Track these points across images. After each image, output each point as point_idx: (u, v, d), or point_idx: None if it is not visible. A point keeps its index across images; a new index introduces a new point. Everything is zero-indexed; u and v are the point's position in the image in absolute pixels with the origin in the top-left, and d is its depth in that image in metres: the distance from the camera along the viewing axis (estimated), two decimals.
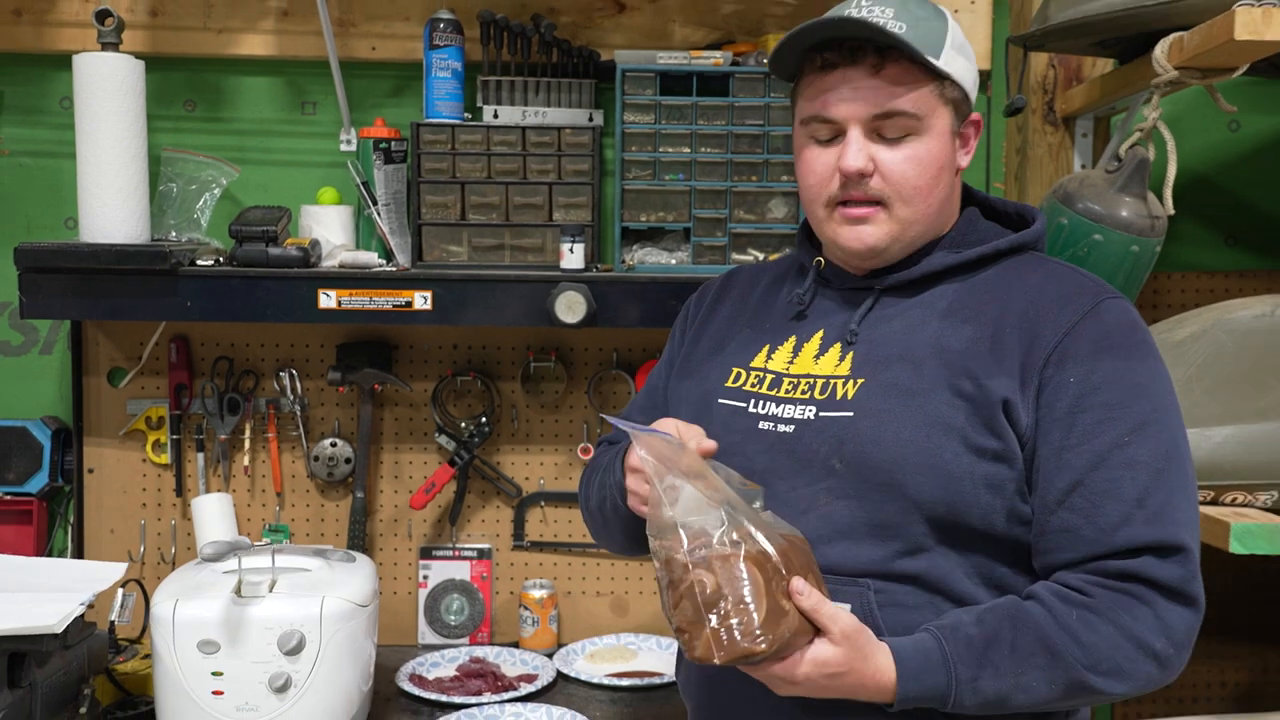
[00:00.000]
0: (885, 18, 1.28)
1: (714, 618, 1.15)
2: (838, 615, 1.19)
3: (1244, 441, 1.69)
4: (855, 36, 1.29)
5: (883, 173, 1.31)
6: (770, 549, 1.18)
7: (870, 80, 1.30)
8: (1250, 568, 1.63)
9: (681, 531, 1.18)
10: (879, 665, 1.21)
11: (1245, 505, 1.69)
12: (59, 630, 1.57)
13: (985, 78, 2.30)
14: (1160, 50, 1.70)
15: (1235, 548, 1.58)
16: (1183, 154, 2.33)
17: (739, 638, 1.14)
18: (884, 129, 1.31)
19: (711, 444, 1.29)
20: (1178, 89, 1.75)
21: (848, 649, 1.19)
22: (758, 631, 1.15)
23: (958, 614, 1.25)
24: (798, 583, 1.18)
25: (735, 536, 1.18)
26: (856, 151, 1.30)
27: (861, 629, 1.21)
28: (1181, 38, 1.67)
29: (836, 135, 1.33)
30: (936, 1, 1.39)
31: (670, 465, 1.20)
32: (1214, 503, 1.69)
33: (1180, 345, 1.77)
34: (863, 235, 1.34)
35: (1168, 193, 1.76)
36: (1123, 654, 1.20)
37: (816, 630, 1.19)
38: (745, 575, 1.15)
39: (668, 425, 1.30)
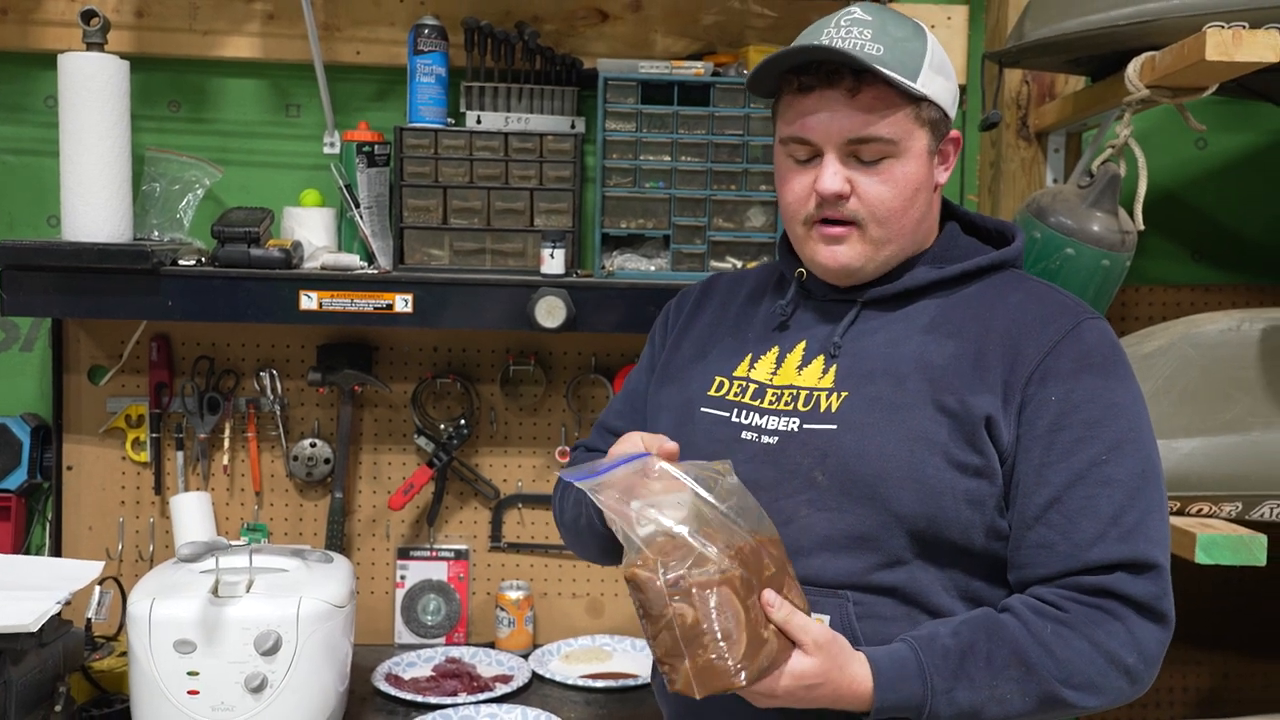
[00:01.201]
0: (863, 39, 1.26)
1: (694, 653, 1.12)
2: (809, 626, 1.18)
3: (1209, 454, 1.69)
4: (832, 61, 1.27)
5: (859, 194, 1.30)
6: (740, 572, 1.15)
7: (847, 104, 1.28)
8: (1212, 576, 1.64)
9: (658, 562, 1.14)
10: (855, 674, 1.19)
11: (1210, 516, 1.69)
12: (34, 629, 1.54)
13: (961, 92, 2.29)
14: (1132, 69, 1.70)
15: (1201, 558, 1.58)
16: (1151, 171, 2.32)
17: (717, 675, 1.12)
18: (860, 152, 1.29)
19: (673, 446, 1.26)
20: (1148, 107, 1.75)
21: (823, 659, 1.18)
22: (737, 666, 1.13)
23: (934, 625, 1.24)
24: (769, 595, 1.16)
25: (712, 558, 1.14)
26: (833, 175, 1.29)
27: (834, 637, 1.20)
28: (1153, 57, 1.67)
29: (814, 156, 1.31)
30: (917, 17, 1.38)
31: (636, 492, 1.17)
32: (1180, 513, 1.69)
33: (1148, 358, 1.77)
34: (837, 254, 1.33)
35: (1138, 208, 1.76)
36: (1095, 668, 1.20)
37: (792, 642, 1.18)
38: (724, 606, 1.13)
39: (633, 439, 1.27)
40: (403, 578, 2.28)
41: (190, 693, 1.63)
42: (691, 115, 2.10)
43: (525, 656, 2.18)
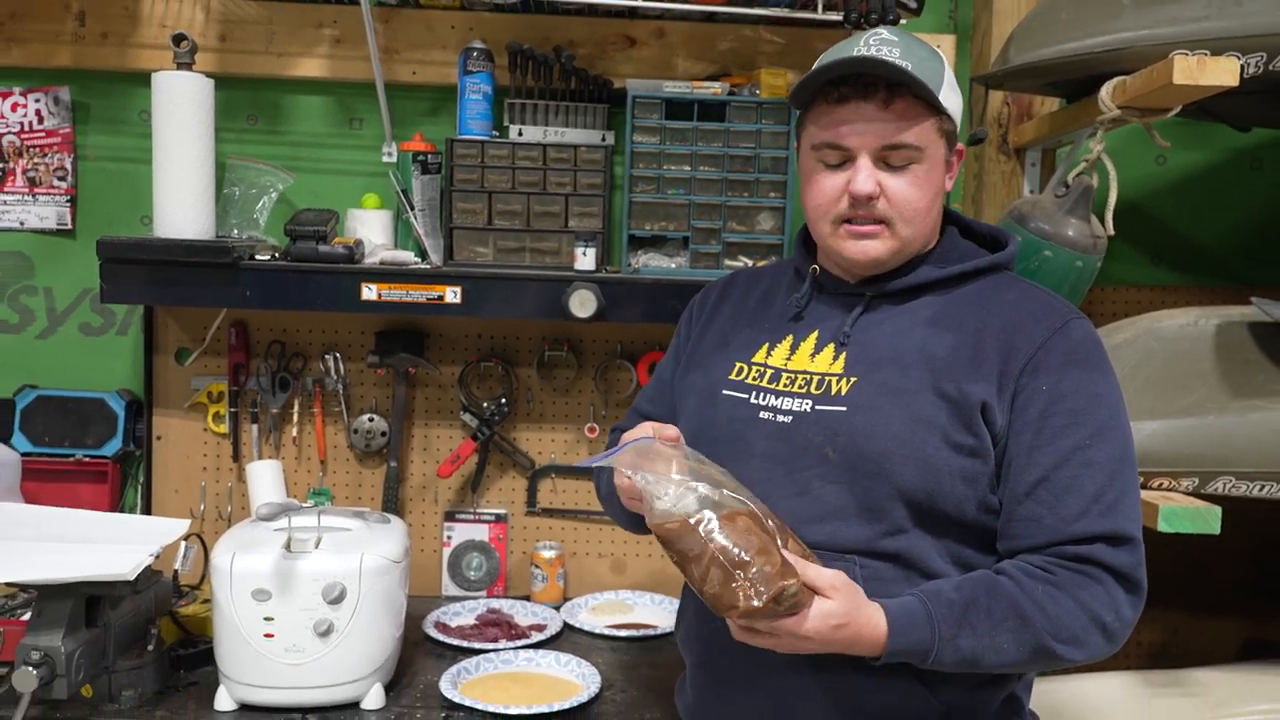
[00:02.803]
0: (893, 56, 1.25)
1: (744, 570, 1.13)
2: (824, 573, 1.18)
3: (1169, 435, 1.68)
4: (873, 74, 1.26)
5: (888, 196, 1.30)
6: (752, 508, 1.18)
7: (881, 114, 1.27)
8: (1170, 542, 1.63)
9: (682, 514, 1.16)
10: (870, 616, 1.19)
11: (1170, 490, 1.68)
12: (131, 578, 1.54)
13: None
14: (1105, 91, 1.68)
15: (1163, 526, 1.57)
16: (1117, 183, 2.33)
17: (769, 580, 1.12)
18: (890, 158, 1.29)
19: (673, 431, 1.27)
20: (1119, 126, 1.74)
21: (843, 600, 1.17)
22: (781, 572, 1.13)
23: (938, 583, 1.24)
24: (786, 553, 1.16)
25: (725, 499, 1.16)
26: (866, 178, 1.28)
27: (848, 581, 1.20)
28: (1125, 81, 1.66)
29: (845, 161, 1.30)
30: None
31: (643, 466, 1.19)
32: (1144, 488, 1.69)
33: (1116, 349, 1.76)
34: (868, 249, 1.32)
35: (1108, 216, 1.75)
36: (1079, 624, 1.20)
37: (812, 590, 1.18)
38: (750, 530, 1.14)
39: (645, 429, 1.28)
40: (449, 537, 2.28)
41: (266, 636, 1.63)
42: (709, 130, 2.08)
43: (557, 608, 2.18)
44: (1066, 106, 1.95)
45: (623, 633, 2.07)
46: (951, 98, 1.31)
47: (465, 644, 1.96)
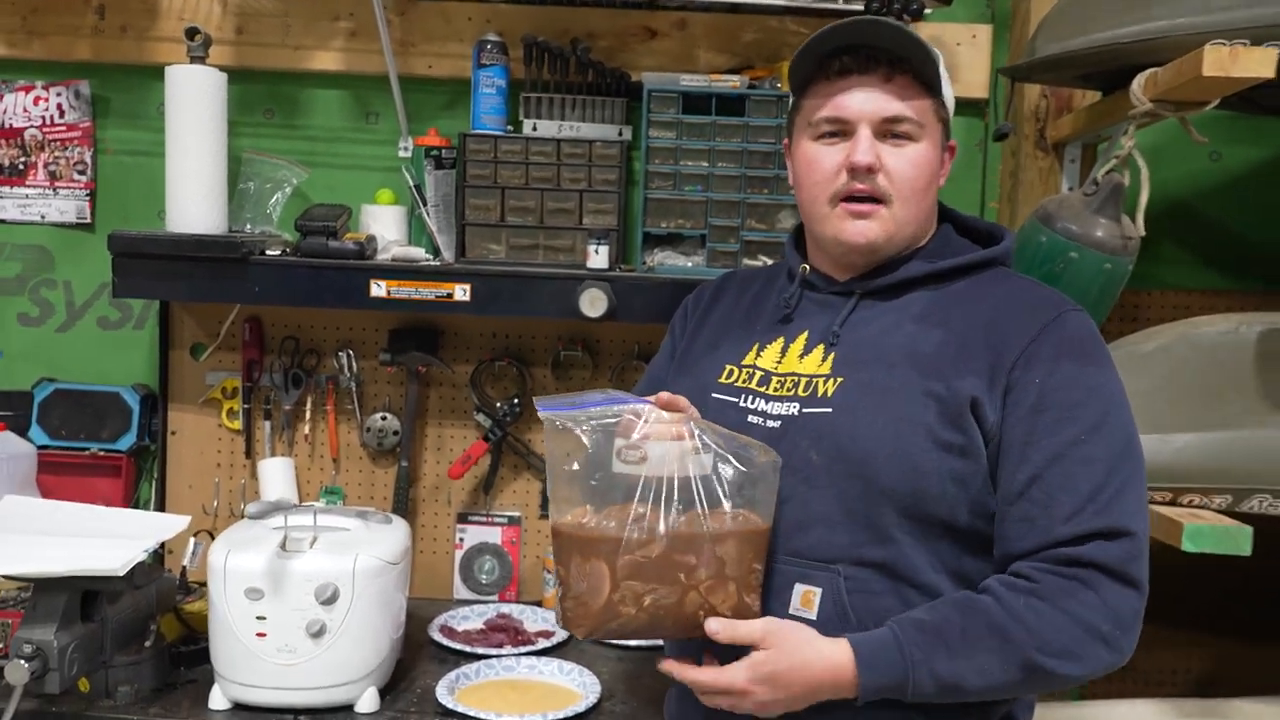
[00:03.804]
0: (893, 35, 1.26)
1: (564, 597, 1.20)
2: (752, 629, 1.19)
3: (1202, 449, 1.62)
4: (877, 45, 1.27)
5: (887, 171, 1.28)
6: (633, 540, 1.18)
7: (881, 87, 1.28)
8: (1213, 563, 1.56)
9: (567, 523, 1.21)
10: (820, 651, 1.17)
11: (1200, 507, 1.62)
12: (122, 573, 1.57)
13: (984, 106, 2.23)
14: (1137, 84, 1.63)
15: (1187, 545, 1.51)
16: (1165, 181, 2.25)
17: (572, 621, 1.20)
18: (891, 130, 1.28)
19: (677, 399, 1.28)
20: (1153, 120, 1.68)
21: (771, 647, 1.17)
22: (585, 619, 1.19)
23: (913, 610, 1.21)
24: (711, 625, 1.19)
25: (603, 534, 1.19)
26: (867, 148, 1.28)
27: (779, 623, 1.20)
28: (1156, 73, 1.60)
29: (844, 135, 1.30)
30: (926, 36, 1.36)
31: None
32: (1172, 504, 1.63)
33: (1148, 356, 1.70)
34: (864, 230, 1.30)
35: (1140, 215, 1.69)
36: (1070, 636, 1.15)
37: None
38: (591, 571, 1.18)
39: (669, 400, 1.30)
40: (461, 540, 2.29)
41: (259, 635, 1.65)
42: (728, 125, 2.06)
43: None
44: (1104, 99, 1.89)
45: (630, 642, 2.06)
46: (947, 89, 1.32)
47: (469, 649, 1.96)
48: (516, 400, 2.25)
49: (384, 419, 2.27)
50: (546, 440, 1.19)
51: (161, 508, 2.28)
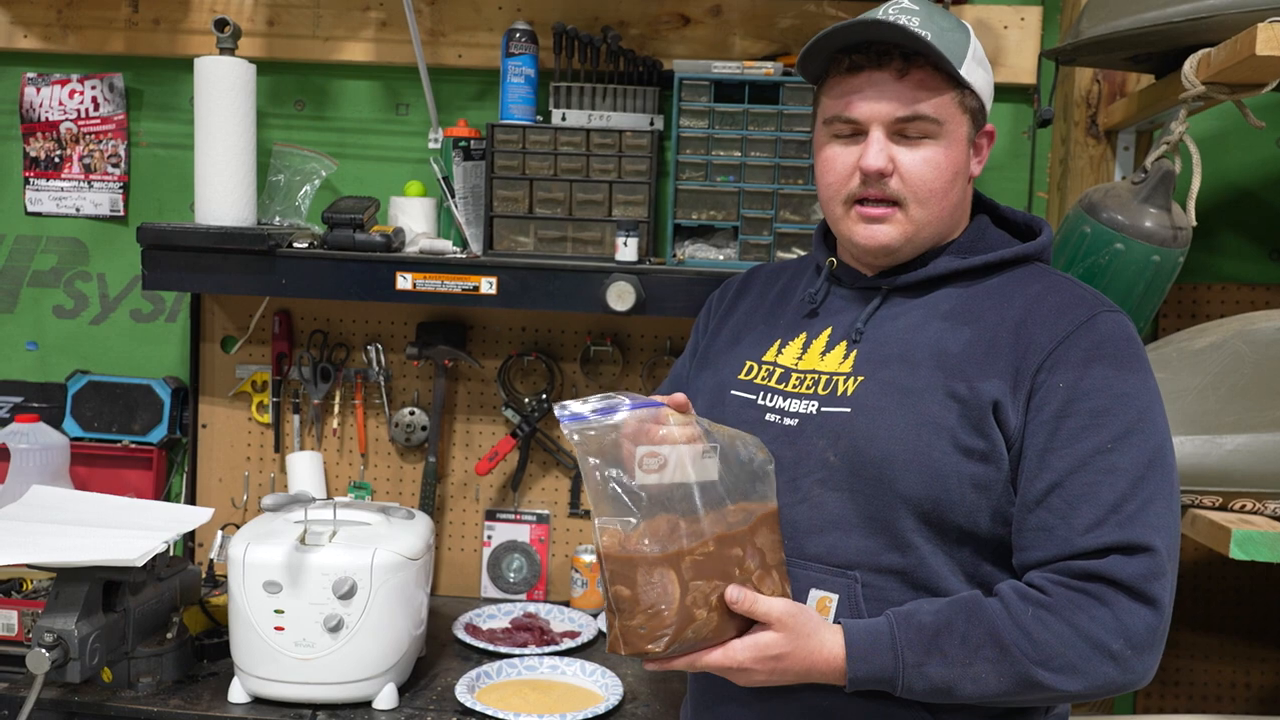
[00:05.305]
0: (911, 26, 1.21)
1: (622, 618, 1.12)
2: (772, 607, 1.15)
3: (1255, 451, 1.56)
4: (884, 40, 1.22)
5: (901, 174, 1.25)
6: (689, 548, 1.13)
7: (895, 84, 1.23)
8: (1277, 571, 1.50)
9: (612, 538, 1.13)
10: (824, 642, 1.15)
11: (1253, 513, 1.56)
12: (139, 564, 1.61)
13: (1032, 91, 2.18)
14: (1189, 66, 1.57)
15: (1235, 553, 1.46)
16: (1228, 169, 2.18)
17: (637, 639, 1.12)
18: (905, 130, 1.24)
19: (682, 398, 1.22)
20: (1208, 105, 1.63)
21: (785, 632, 1.14)
22: (658, 635, 1.12)
23: (918, 603, 1.18)
24: (731, 592, 1.15)
25: (652, 543, 1.13)
26: (878, 151, 1.24)
27: (799, 609, 1.16)
28: (1209, 54, 1.54)
29: (858, 135, 1.26)
30: (964, 16, 1.32)
31: (614, 455, 1.15)
32: (1222, 509, 1.57)
33: (1199, 354, 1.65)
34: (877, 234, 1.27)
35: (1190, 204, 1.64)
36: (1075, 652, 1.12)
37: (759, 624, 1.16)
38: (657, 582, 1.12)
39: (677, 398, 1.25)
40: (489, 537, 2.30)
41: (277, 628, 1.67)
42: (761, 113, 2.04)
43: (595, 615, 2.17)
44: (1156, 83, 1.83)
45: None
46: (977, 73, 1.25)
47: (493, 648, 1.97)
48: (545, 396, 2.26)
49: (412, 414, 2.29)
50: (576, 452, 1.15)
51: (192, 501, 2.33)
